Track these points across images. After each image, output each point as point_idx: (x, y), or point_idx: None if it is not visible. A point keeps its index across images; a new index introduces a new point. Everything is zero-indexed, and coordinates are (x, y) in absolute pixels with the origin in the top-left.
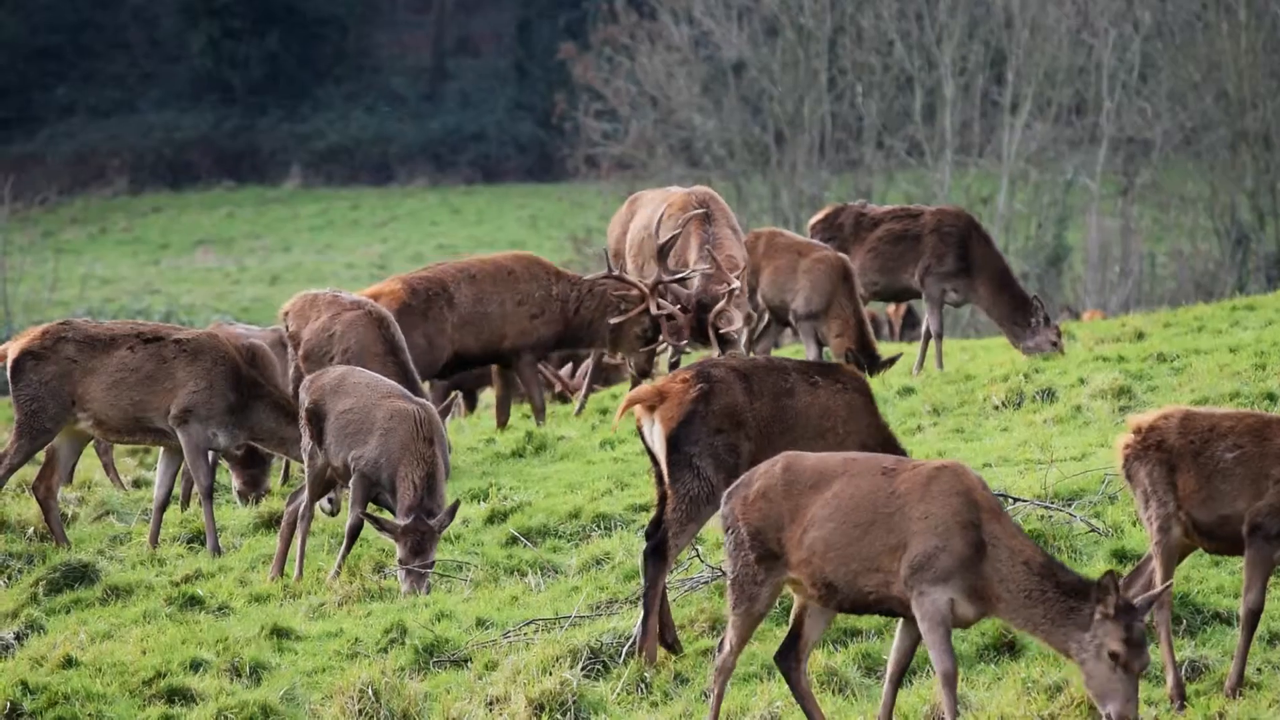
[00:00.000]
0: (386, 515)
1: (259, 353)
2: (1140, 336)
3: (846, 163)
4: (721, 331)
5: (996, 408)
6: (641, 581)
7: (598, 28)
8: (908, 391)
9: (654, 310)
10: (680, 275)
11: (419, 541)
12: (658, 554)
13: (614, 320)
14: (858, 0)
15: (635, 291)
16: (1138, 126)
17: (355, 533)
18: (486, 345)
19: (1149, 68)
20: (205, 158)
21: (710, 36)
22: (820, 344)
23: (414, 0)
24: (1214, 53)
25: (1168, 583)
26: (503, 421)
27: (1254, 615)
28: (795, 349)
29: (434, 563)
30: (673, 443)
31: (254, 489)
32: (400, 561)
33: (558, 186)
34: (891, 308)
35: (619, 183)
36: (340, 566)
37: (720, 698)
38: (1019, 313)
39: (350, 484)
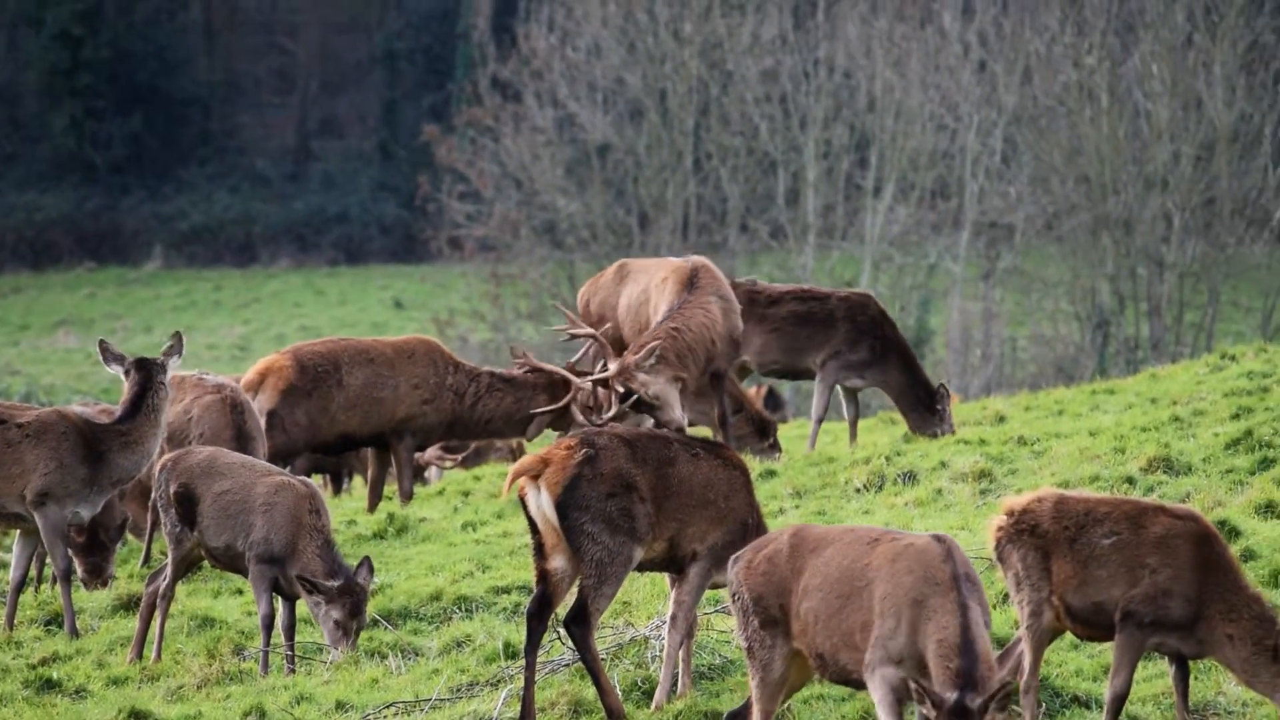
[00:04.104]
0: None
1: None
2: (1001, 420)
3: (709, 245)
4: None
5: (858, 490)
6: (524, 652)
7: (462, 110)
8: (769, 474)
9: (574, 409)
10: (590, 379)
11: (356, 602)
12: (579, 621)
13: (535, 411)
14: (722, 84)
15: (558, 378)
16: (1000, 211)
17: (271, 622)
18: (374, 428)
19: (1011, 152)
20: (67, 238)
21: (575, 119)
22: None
23: (278, 82)
24: (1076, 138)
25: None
26: (374, 504)
27: (1119, 700)
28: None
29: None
30: (561, 509)
31: (96, 577)
32: (337, 623)
33: (420, 268)
34: (753, 388)
35: (482, 264)
36: (291, 660)
37: None
38: (930, 398)
39: (250, 577)
